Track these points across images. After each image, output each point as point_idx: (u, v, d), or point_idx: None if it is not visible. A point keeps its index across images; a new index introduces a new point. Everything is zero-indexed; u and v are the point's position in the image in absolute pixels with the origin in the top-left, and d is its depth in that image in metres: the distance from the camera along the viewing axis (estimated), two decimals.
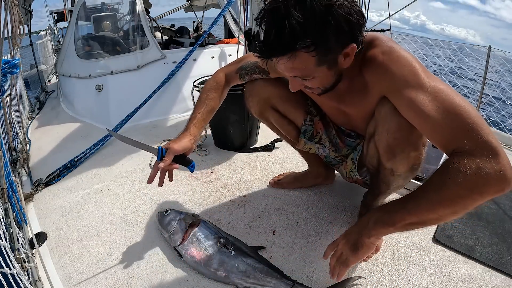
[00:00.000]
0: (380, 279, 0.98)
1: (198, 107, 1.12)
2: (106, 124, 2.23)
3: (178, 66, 2.43)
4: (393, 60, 0.78)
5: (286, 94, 1.15)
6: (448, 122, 0.69)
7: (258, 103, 1.22)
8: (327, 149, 1.19)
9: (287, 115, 1.22)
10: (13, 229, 1.03)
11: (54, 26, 6.04)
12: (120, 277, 1.02)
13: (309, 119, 1.18)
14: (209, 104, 1.12)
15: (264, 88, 1.18)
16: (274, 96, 1.18)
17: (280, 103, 1.20)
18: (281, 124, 1.24)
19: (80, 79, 2.57)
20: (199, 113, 1.10)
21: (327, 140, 1.18)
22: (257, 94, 1.20)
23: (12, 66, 1.08)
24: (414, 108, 0.74)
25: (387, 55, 0.79)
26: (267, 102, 1.21)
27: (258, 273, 0.98)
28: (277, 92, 1.17)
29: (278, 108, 1.21)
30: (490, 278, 0.98)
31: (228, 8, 2.70)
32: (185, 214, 1.20)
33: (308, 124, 1.18)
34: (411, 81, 0.75)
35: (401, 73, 0.77)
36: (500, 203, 1.36)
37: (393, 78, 0.78)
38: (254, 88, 1.20)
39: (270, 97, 1.19)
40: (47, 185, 1.58)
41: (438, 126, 0.70)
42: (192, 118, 1.09)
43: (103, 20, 2.98)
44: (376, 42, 0.82)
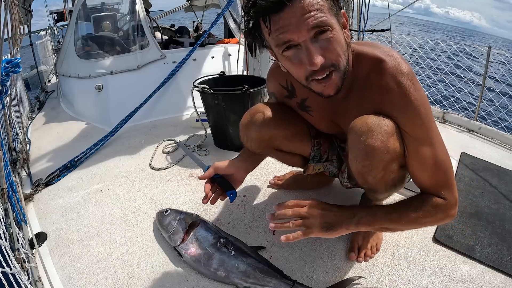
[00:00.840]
0: (380, 279, 0.98)
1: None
2: (106, 124, 2.23)
3: (178, 66, 2.42)
4: (414, 86, 0.79)
5: (291, 132, 1.08)
6: (438, 174, 0.83)
7: (258, 146, 1.09)
8: (335, 163, 1.18)
9: (293, 151, 1.14)
10: (13, 229, 1.03)
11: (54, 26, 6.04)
12: (120, 277, 1.02)
13: (316, 144, 1.12)
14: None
15: (263, 131, 1.04)
16: (278, 137, 1.07)
17: (285, 144, 1.10)
18: (285, 160, 1.18)
19: (80, 79, 2.57)
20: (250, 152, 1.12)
21: (333, 155, 1.17)
22: (255, 137, 1.06)
23: (15, 65, 1.09)
24: (417, 145, 0.81)
25: (407, 81, 0.79)
26: (269, 144, 1.08)
27: (258, 273, 0.98)
28: (281, 133, 1.06)
29: (283, 149, 1.12)
30: (490, 278, 0.98)
31: (228, 8, 2.70)
32: (185, 214, 1.20)
33: (316, 149, 1.13)
34: (425, 116, 0.80)
35: (421, 101, 0.79)
36: (500, 203, 1.36)
37: (413, 104, 0.79)
38: (251, 130, 1.06)
39: (273, 139, 1.07)
40: (47, 185, 1.58)
41: (428, 174, 0.83)
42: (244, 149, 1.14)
43: (103, 20, 2.97)
44: (390, 63, 0.81)
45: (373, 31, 3.43)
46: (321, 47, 0.73)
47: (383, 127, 0.79)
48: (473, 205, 1.34)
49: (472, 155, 1.78)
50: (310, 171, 1.19)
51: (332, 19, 0.72)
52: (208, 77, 1.90)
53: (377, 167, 0.82)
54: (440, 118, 2.35)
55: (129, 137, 2.07)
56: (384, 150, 0.79)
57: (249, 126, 1.06)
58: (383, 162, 0.81)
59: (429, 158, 0.82)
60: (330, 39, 0.73)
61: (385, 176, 0.85)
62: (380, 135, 0.78)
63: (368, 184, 0.90)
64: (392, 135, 0.80)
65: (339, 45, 0.75)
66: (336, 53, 0.75)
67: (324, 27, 0.71)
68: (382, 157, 0.80)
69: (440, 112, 2.38)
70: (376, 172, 0.84)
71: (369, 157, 0.81)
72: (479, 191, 1.44)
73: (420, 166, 0.83)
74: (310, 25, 0.70)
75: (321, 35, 0.72)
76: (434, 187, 0.84)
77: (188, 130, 2.12)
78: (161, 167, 1.68)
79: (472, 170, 1.62)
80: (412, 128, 0.81)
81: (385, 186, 0.90)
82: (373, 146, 0.79)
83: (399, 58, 0.82)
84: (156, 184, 1.54)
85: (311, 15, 0.69)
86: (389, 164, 0.82)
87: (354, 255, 1.05)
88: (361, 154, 0.82)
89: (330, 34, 0.72)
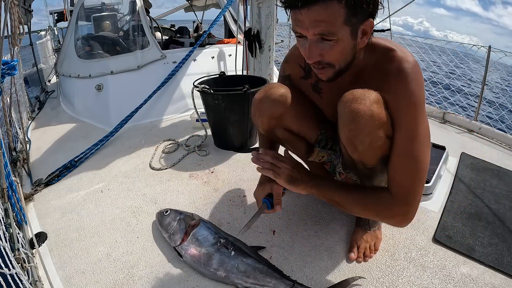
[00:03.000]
0: (380, 279, 0.98)
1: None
2: (106, 124, 2.23)
3: (178, 66, 2.43)
4: (414, 76, 0.84)
5: (301, 113, 1.11)
6: (401, 168, 0.86)
7: (268, 122, 1.12)
8: (338, 154, 1.19)
9: (300, 133, 1.16)
10: (13, 229, 1.03)
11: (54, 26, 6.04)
12: (120, 277, 1.02)
13: (323, 128, 1.14)
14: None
15: (276, 106, 1.08)
16: (289, 115, 1.10)
17: (294, 123, 1.13)
18: (291, 142, 1.19)
19: (80, 79, 2.57)
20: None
21: (337, 145, 1.18)
22: (268, 112, 1.10)
23: (11, 67, 1.08)
24: (398, 132, 0.85)
25: (411, 68, 0.84)
26: (279, 122, 1.12)
27: (258, 273, 0.98)
28: (292, 112, 1.09)
29: (291, 128, 1.14)
30: (490, 278, 0.98)
31: (228, 8, 2.70)
32: (185, 214, 1.20)
33: (323, 133, 1.15)
34: (418, 105, 0.84)
35: (414, 90, 0.83)
36: (500, 203, 1.36)
37: (406, 90, 0.83)
38: (264, 104, 1.10)
39: (283, 116, 1.10)
40: (47, 185, 1.58)
41: (394, 164, 0.87)
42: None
43: (103, 20, 2.97)
44: (399, 53, 0.87)
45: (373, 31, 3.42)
46: (322, 49, 0.81)
47: (367, 94, 0.84)
48: (473, 205, 1.34)
49: (472, 155, 1.78)
50: (314, 156, 1.19)
51: (342, 31, 0.78)
52: (208, 77, 1.90)
53: (363, 130, 0.84)
54: (440, 118, 2.36)
55: (129, 137, 2.07)
56: (368, 113, 0.82)
57: (263, 100, 1.10)
58: (368, 126, 0.83)
59: (400, 146, 0.85)
60: (332, 45, 0.80)
61: (372, 142, 0.86)
62: (363, 100, 0.83)
63: (358, 153, 0.90)
64: (376, 102, 0.83)
65: (339, 53, 0.82)
66: (334, 58, 0.83)
67: (328, 36, 0.78)
68: (367, 120, 0.83)
69: (440, 112, 2.38)
70: (363, 136, 0.85)
71: (354, 120, 0.84)
72: (479, 191, 1.44)
73: (393, 150, 0.86)
74: (316, 32, 0.78)
75: (326, 39, 0.79)
76: (390, 179, 0.88)
77: (188, 130, 2.12)
78: (161, 167, 1.68)
79: (472, 170, 1.62)
80: (399, 110, 0.84)
81: (375, 155, 0.90)
82: (357, 109, 0.83)
83: (408, 52, 0.88)
84: (156, 184, 1.54)
85: (320, 25, 0.76)
86: (375, 129, 0.84)
87: (354, 255, 1.05)
88: (347, 119, 0.86)
89: (334, 43, 0.79)
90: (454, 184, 1.47)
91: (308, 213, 1.28)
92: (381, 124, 0.84)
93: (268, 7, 2.02)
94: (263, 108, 1.10)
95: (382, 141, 0.86)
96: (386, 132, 0.86)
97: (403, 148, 0.85)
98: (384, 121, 0.84)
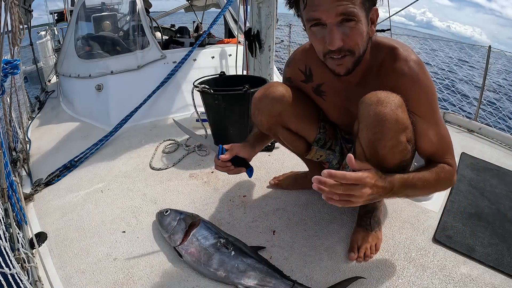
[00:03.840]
0: (380, 279, 0.98)
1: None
2: (106, 124, 2.22)
3: (178, 66, 2.42)
4: (424, 73, 0.87)
5: (300, 111, 1.11)
6: (442, 145, 0.94)
7: (268, 121, 1.12)
8: (337, 154, 1.19)
9: (299, 132, 1.16)
10: (13, 229, 1.03)
11: (54, 26, 6.04)
12: (120, 277, 1.02)
13: (322, 127, 1.15)
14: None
15: (275, 104, 1.08)
16: (288, 114, 1.10)
17: (293, 122, 1.13)
18: (290, 141, 1.19)
19: (80, 79, 2.57)
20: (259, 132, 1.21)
21: (336, 145, 1.18)
22: (267, 110, 1.10)
23: (14, 67, 1.08)
24: (424, 125, 0.90)
25: (418, 68, 0.87)
26: (278, 120, 1.11)
27: (258, 273, 0.98)
28: (291, 110, 1.09)
29: (290, 127, 1.15)
30: (490, 278, 0.98)
31: (228, 8, 2.70)
32: (185, 214, 1.20)
33: (322, 132, 1.15)
34: (432, 100, 0.91)
35: (430, 86, 0.89)
36: (500, 203, 1.36)
37: (424, 88, 0.88)
38: (263, 103, 1.10)
39: (283, 114, 1.10)
40: (47, 185, 1.58)
41: (434, 146, 0.92)
42: (253, 133, 1.22)
43: (103, 20, 2.97)
44: (402, 51, 0.89)
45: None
46: (344, 33, 0.81)
47: (392, 98, 0.84)
48: (473, 205, 1.34)
49: (472, 155, 1.78)
50: (312, 154, 1.20)
51: (361, 12, 0.80)
52: (208, 77, 1.90)
53: (387, 135, 0.85)
54: None
55: (129, 137, 2.07)
56: (393, 117, 0.83)
57: (262, 98, 1.10)
58: (392, 130, 0.84)
59: (434, 135, 0.91)
60: (353, 28, 0.80)
61: (393, 147, 0.87)
62: (389, 104, 0.83)
63: (378, 157, 0.89)
64: (400, 106, 0.84)
65: (360, 35, 0.82)
66: (355, 41, 0.83)
67: (351, 16, 0.78)
68: (392, 124, 0.83)
69: (440, 112, 2.38)
70: (386, 141, 0.86)
71: (380, 124, 0.84)
72: (479, 191, 1.44)
73: (428, 141, 0.91)
74: (339, 11, 0.77)
75: (347, 23, 0.80)
76: (440, 155, 0.93)
77: None
78: (161, 167, 1.68)
79: (472, 170, 1.62)
80: (420, 110, 0.88)
81: (393, 160, 0.89)
82: (383, 112, 0.83)
83: (410, 49, 0.91)
84: (156, 184, 1.54)
85: (343, 3, 0.77)
86: (398, 134, 0.85)
87: (354, 255, 1.05)
88: (372, 122, 0.85)
89: (355, 24, 0.80)
90: (454, 184, 1.47)
91: (308, 213, 1.28)
92: (404, 129, 0.85)
93: (268, 7, 2.01)
94: (263, 106, 1.11)
95: (403, 146, 0.88)
96: (407, 136, 0.87)
97: (436, 134, 0.91)
98: (407, 126, 0.86)
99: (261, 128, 1.18)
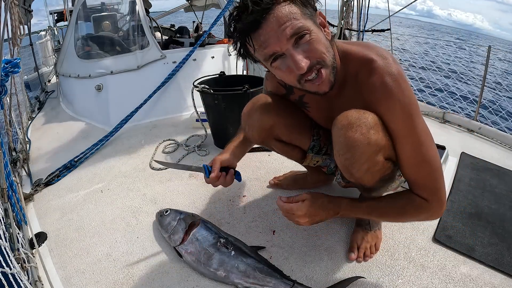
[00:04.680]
0: (380, 279, 0.98)
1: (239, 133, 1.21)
2: (106, 124, 2.23)
3: (178, 66, 2.42)
4: (399, 88, 0.80)
5: (291, 122, 1.09)
6: (421, 173, 0.85)
7: (259, 135, 1.10)
8: (334, 158, 1.19)
9: (292, 142, 1.15)
10: (13, 229, 1.03)
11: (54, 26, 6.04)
12: (120, 277, 1.02)
13: (316, 134, 1.14)
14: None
15: (265, 119, 1.06)
16: (279, 126, 1.09)
17: (285, 133, 1.12)
18: (285, 151, 1.19)
19: (80, 79, 2.57)
20: (239, 138, 1.18)
21: (332, 149, 1.18)
22: (257, 125, 1.08)
23: (14, 65, 1.08)
24: (401, 142, 0.83)
25: (393, 82, 0.80)
26: (270, 133, 1.11)
27: (258, 273, 0.98)
28: (282, 122, 1.08)
29: (283, 138, 1.14)
30: (490, 278, 0.98)
31: (228, 8, 2.70)
32: (185, 214, 1.20)
33: (315, 139, 1.14)
34: (408, 116, 0.81)
35: (405, 101, 0.80)
36: (500, 203, 1.36)
37: (398, 104, 0.80)
38: (252, 118, 1.08)
39: (274, 127, 1.09)
40: (47, 185, 1.58)
41: (412, 171, 0.86)
42: (233, 140, 1.18)
43: (103, 20, 2.97)
44: (380, 63, 0.82)
45: (373, 31, 3.44)
46: (304, 50, 0.77)
47: (363, 119, 0.81)
48: (473, 205, 1.34)
49: (472, 155, 1.78)
50: (308, 161, 1.19)
51: (307, 22, 0.77)
52: (208, 77, 1.90)
53: (359, 159, 0.83)
54: (440, 118, 2.35)
55: (129, 137, 2.07)
56: (364, 142, 0.80)
57: (251, 114, 1.08)
58: (365, 154, 0.82)
59: (411, 157, 0.84)
60: (310, 41, 0.77)
61: (370, 168, 0.85)
62: (359, 127, 0.80)
63: (355, 178, 0.90)
64: (372, 127, 0.80)
65: (320, 44, 0.79)
66: (319, 51, 0.79)
67: (301, 32, 0.76)
68: (363, 149, 0.81)
69: (440, 112, 2.38)
70: (359, 165, 0.84)
71: (350, 149, 0.82)
72: (479, 191, 1.44)
73: (405, 163, 0.85)
74: (287, 33, 0.75)
75: (301, 40, 0.77)
76: (417, 186, 0.87)
77: (188, 130, 2.12)
78: (161, 167, 1.68)
79: (472, 170, 1.62)
80: (396, 126, 0.82)
81: (372, 179, 0.89)
82: (353, 138, 0.80)
83: (390, 59, 0.83)
84: (156, 184, 1.54)
85: (286, 25, 0.74)
86: (372, 156, 0.82)
87: (354, 255, 1.05)
88: (342, 147, 0.84)
89: (309, 37, 0.77)
90: (454, 184, 1.47)
91: None
92: (379, 150, 0.82)
93: None
94: (252, 122, 1.09)
95: (380, 165, 0.85)
96: (384, 155, 0.84)
97: (414, 157, 0.83)
98: (382, 145, 0.82)
99: (253, 142, 1.17)
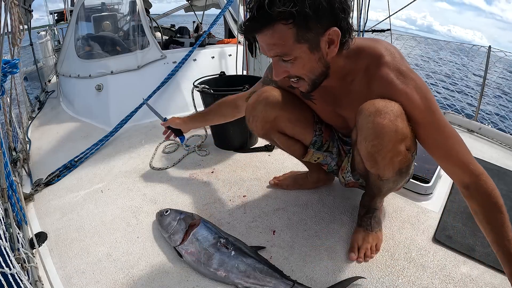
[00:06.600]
0: (380, 279, 0.98)
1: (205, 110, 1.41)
2: (106, 124, 2.23)
3: (178, 66, 2.43)
4: (413, 77, 0.83)
5: (295, 116, 1.10)
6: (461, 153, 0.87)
7: (263, 127, 1.12)
8: (335, 155, 1.19)
9: (295, 136, 1.16)
10: (13, 229, 1.03)
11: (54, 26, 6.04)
12: (120, 277, 1.02)
13: (318, 129, 1.14)
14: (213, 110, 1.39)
15: (269, 110, 1.08)
16: (282, 119, 1.10)
17: (288, 126, 1.13)
18: (287, 145, 1.20)
19: (80, 79, 2.57)
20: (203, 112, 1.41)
21: (334, 147, 1.18)
22: (261, 117, 1.10)
23: (12, 66, 1.09)
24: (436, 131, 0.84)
25: (410, 71, 0.84)
26: (273, 125, 1.12)
27: (258, 273, 0.98)
28: (286, 115, 1.09)
29: (286, 131, 1.14)
30: (490, 278, 0.98)
31: (228, 8, 2.70)
32: (185, 214, 1.20)
33: (318, 135, 1.15)
34: (432, 102, 0.85)
35: (422, 88, 0.84)
36: None
37: (415, 93, 0.83)
38: (257, 110, 1.10)
39: (278, 120, 1.10)
40: (47, 185, 1.58)
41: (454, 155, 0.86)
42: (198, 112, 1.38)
43: (103, 20, 2.97)
44: (387, 59, 0.85)
45: (373, 31, 3.44)
46: (285, 66, 0.84)
47: (390, 107, 0.82)
48: None
49: (472, 155, 1.78)
50: (309, 157, 1.20)
51: (297, 49, 0.78)
52: (208, 77, 1.90)
53: (386, 146, 0.84)
54: None
55: (129, 137, 2.07)
56: (392, 128, 0.81)
57: (256, 105, 1.10)
58: (391, 141, 0.83)
59: (441, 143, 0.85)
60: (293, 63, 0.82)
61: (393, 158, 0.86)
62: (387, 114, 0.81)
63: (377, 167, 0.90)
64: (399, 116, 0.82)
65: (302, 68, 0.83)
66: (300, 73, 0.84)
67: (284, 57, 0.80)
68: (391, 136, 0.82)
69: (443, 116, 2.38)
70: (385, 152, 0.85)
71: (379, 136, 0.83)
72: None
73: (436, 148, 0.86)
74: (271, 54, 0.81)
75: (285, 60, 0.82)
76: (453, 169, 0.87)
77: None
78: (161, 167, 1.68)
79: None
80: (419, 113, 0.83)
81: (393, 169, 0.91)
82: (382, 124, 0.81)
83: (396, 53, 0.87)
84: (156, 184, 1.54)
85: (273, 48, 0.79)
86: (398, 144, 0.84)
87: (354, 255, 1.05)
88: (371, 134, 0.84)
89: (294, 61, 0.81)
90: (454, 184, 1.47)
91: (308, 213, 1.28)
92: (403, 138, 0.83)
93: None
94: (257, 113, 1.10)
95: (403, 155, 0.87)
96: (406, 145, 0.86)
97: (441, 141, 0.85)
98: (406, 135, 0.84)
99: (256, 134, 1.19)
